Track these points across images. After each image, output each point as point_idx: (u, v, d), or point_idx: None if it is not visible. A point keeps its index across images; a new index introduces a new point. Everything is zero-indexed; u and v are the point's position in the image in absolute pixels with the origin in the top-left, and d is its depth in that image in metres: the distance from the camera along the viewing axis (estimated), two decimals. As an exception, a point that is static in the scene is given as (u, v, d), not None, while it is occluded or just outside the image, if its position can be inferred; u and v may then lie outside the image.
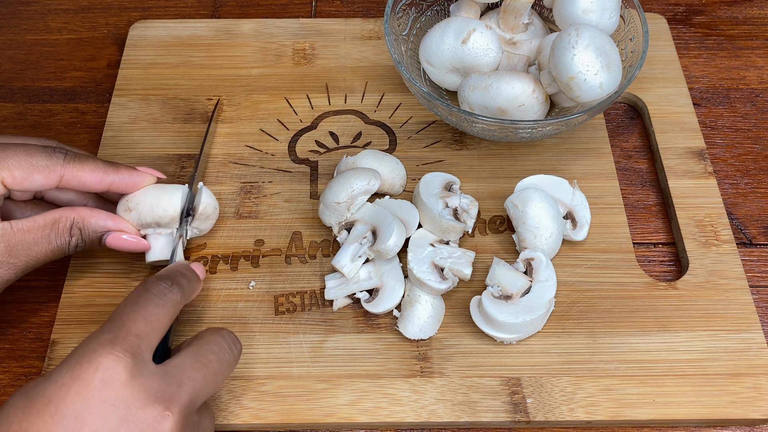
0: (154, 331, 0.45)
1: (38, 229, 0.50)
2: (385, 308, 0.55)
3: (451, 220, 0.57)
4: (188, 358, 0.45)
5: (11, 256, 0.49)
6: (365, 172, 0.57)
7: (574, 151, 0.65)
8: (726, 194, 0.64)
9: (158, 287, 0.47)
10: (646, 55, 0.61)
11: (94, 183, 0.52)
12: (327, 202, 0.57)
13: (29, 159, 0.50)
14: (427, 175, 0.60)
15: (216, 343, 0.46)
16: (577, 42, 0.56)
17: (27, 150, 0.50)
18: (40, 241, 0.50)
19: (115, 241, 0.54)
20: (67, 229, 0.51)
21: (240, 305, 0.57)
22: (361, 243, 0.56)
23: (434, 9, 0.69)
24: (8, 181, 0.49)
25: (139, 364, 0.42)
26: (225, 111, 0.68)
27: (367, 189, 0.57)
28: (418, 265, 0.55)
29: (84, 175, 0.51)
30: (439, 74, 0.64)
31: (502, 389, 0.53)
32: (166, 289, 0.47)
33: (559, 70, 0.56)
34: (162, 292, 0.47)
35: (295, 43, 0.73)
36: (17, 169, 0.49)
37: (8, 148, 0.50)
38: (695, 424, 0.53)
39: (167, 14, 0.77)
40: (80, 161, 0.52)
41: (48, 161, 0.50)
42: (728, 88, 0.71)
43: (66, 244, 0.52)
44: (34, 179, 0.50)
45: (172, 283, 0.48)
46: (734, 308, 0.56)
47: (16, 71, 0.73)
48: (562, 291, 0.57)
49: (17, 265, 0.50)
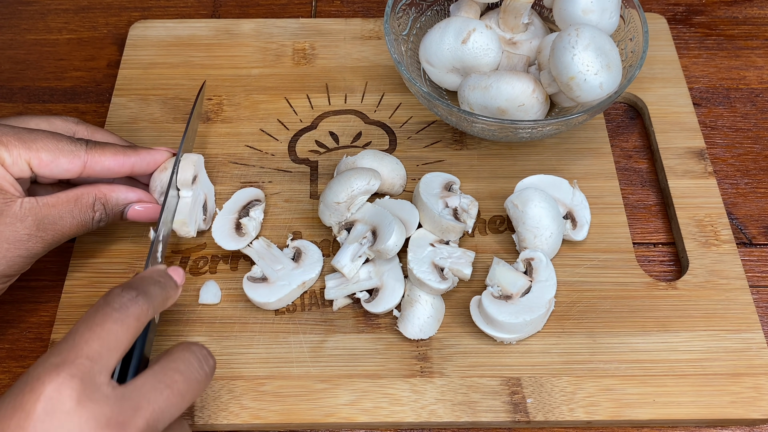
0: (111, 351, 0.41)
1: (62, 204, 0.52)
2: (385, 308, 0.55)
3: (451, 220, 0.57)
4: (150, 379, 0.42)
5: (39, 230, 0.51)
6: (365, 172, 0.57)
7: (574, 151, 0.65)
8: (726, 194, 0.64)
9: (120, 300, 0.43)
10: (646, 55, 0.61)
11: (116, 167, 0.54)
12: (327, 202, 0.57)
13: (56, 143, 0.52)
14: (427, 175, 0.60)
15: (184, 361, 0.43)
16: (577, 42, 0.56)
17: (53, 135, 0.52)
18: (64, 215, 0.52)
19: (135, 213, 0.55)
20: (90, 204, 0.53)
21: (240, 305, 0.57)
22: (361, 243, 0.56)
23: (434, 9, 0.69)
24: (35, 163, 0.51)
25: (89, 389, 0.39)
26: (225, 111, 0.68)
27: (367, 189, 0.57)
28: (418, 265, 0.55)
29: (106, 160, 0.53)
30: (439, 74, 0.64)
31: (502, 389, 0.53)
32: (129, 301, 0.43)
33: (559, 70, 0.56)
34: (124, 306, 0.43)
35: (295, 43, 0.73)
36: (44, 152, 0.51)
37: (36, 133, 0.52)
38: (695, 424, 0.53)
39: (167, 14, 0.77)
40: (101, 148, 0.54)
41: (73, 147, 0.52)
42: (728, 88, 0.71)
43: (90, 219, 0.53)
44: (59, 163, 0.52)
45: (137, 294, 0.44)
46: (734, 308, 0.56)
47: (16, 71, 0.73)
48: (562, 291, 0.57)
49: (45, 239, 0.51)
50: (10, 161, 0.50)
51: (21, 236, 0.50)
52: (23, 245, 0.50)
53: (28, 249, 0.50)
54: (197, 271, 0.58)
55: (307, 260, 0.57)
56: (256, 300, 0.55)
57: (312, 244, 0.58)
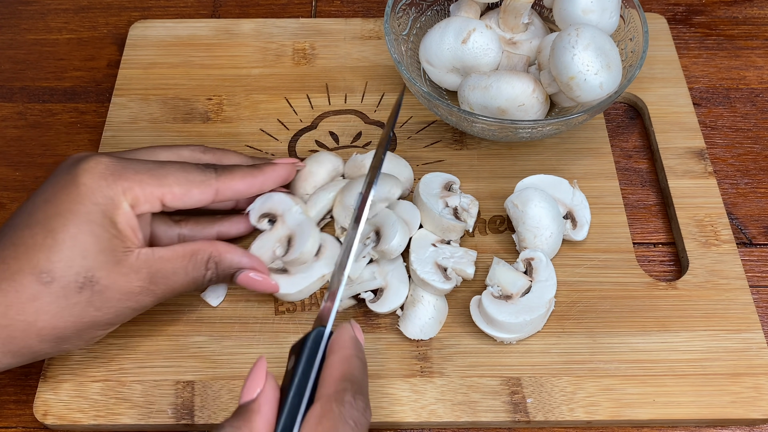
0: None
1: (177, 259, 0.50)
2: (390, 308, 0.55)
3: (451, 219, 0.57)
4: None
5: (152, 283, 0.49)
6: (387, 178, 0.57)
7: (574, 151, 0.65)
8: (726, 194, 0.64)
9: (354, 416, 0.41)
10: (646, 54, 0.61)
11: (245, 189, 0.53)
12: (343, 203, 0.57)
13: (186, 175, 0.50)
14: (427, 176, 0.60)
15: None
16: (577, 42, 0.56)
17: (183, 167, 0.51)
18: (178, 271, 0.50)
19: (245, 280, 0.53)
20: (204, 261, 0.51)
21: (240, 305, 0.57)
22: (365, 243, 0.56)
23: (434, 9, 0.69)
24: (168, 198, 0.50)
25: None
26: (225, 111, 0.68)
27: (386, 196, 0.56)
28: (421, 265, 0.55)
29: (236, 184, 0.52)
30: (439, 74, 0.64)
31: (502, 389, 0.53)
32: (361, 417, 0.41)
33: (559, 70, 0.56)
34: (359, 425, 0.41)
35: (295, 43, 0.73)
36: (177, 186, 0.50)
37: (167, 167, 0.50)
38: (695, 424, 0.53)
39: (167, 14, 0.77)
40: (230, 172, 0.53)
41: (203, 176, 0.51)
42: (728, 88, 0.71)
43: (202, 277, 0.51)
44: (192, 195, 0.50)
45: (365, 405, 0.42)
46: (734, 308, 0.56)
47: (16, 71, 0.73)
48: (562, 291, 0.57)
49: (156, 292, 0.49)
50: (143, 199, 0.48)
51: (134, 288, 0.48)
52: (134, 297, 0.48)
53: (138, 301, 0.49)
54: (197, 271, 0.58)
55: (327, 253, 0.57)
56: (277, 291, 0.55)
57: (332, 237, 0.58)
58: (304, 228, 0.55)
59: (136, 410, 0.52)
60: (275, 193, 0.57)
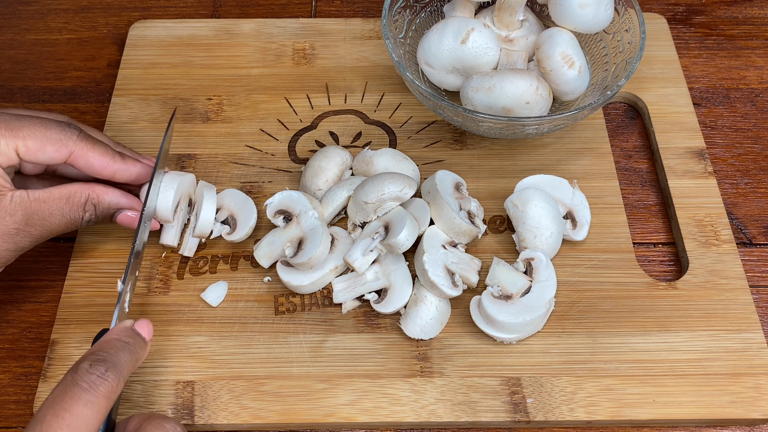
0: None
1: (54, 200, 0.51)
2: (395, 308, 0.55)
3: (468, 222, 0.56)
4: None
5: (28, 225, 0.50)
6: (401, 178, 0.57)
7: (574, 151, 0.65)
8: (726, 194, 0.64)
9: (88, 379, 0.41)
10: (645, 43, 0.61)
11: (100, 167, 0.53)
12: (356, 200, 0.57)
13: (44, 131, 0.50)
14: (440, 173, 0.59)
15: None
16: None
17: (42, 122, 0.51)
18: (54, 212, 0.51)
19: (124, 220, 0.54)
20: (81, 203, 0.52)
21: (240, 305, 0.57)
22: (373, 238, 0.55)
23: (428, 10, 0.69)
24: (21, 150, 0.50)
25: None
26: (225, 111, 0.68)
27: (398, 196, 0.56)
28: (433, 267, 0.55)
29: (92, 156, 0.52)
30: (439, 75, 0.63)
31: (502, 389, 0.53)
32: (98, 379, 0.42)
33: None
34: (93, 385, 0.41)
35: (295, 43, 0.73)
36: (31, 139, 0.50)
37: (24, 119, 0.51)
38: (695, 424, 0.53)
39: (167, 14, 0.77)
40: (92, 142, 0.52)
41: (61, 135, 0.51)
42: (728, 88, 0.71)
43: (79, 219, 0.52)
44: (46, 151, 0.50)
45: (106, 368, 0.42)
46: (734, 308, 0.56)
47: (16, 71, 0.73)
48: (562, 291, 0.57)
49: (33, 233, 0.50)
50: None
51: (9, 230, 0.49)
52: (11, 239, 0.49)
53: (16, 243, 0.50)
54: (197, 271, 0.58)
55: (339, 246, 0.57)
56: (290, 283, 0.55)
57: (344, 230, 0.58)
58: (316, 234, 0.55)
59: (136, 410, 0.52)
60: (295, 192, 0.57)
